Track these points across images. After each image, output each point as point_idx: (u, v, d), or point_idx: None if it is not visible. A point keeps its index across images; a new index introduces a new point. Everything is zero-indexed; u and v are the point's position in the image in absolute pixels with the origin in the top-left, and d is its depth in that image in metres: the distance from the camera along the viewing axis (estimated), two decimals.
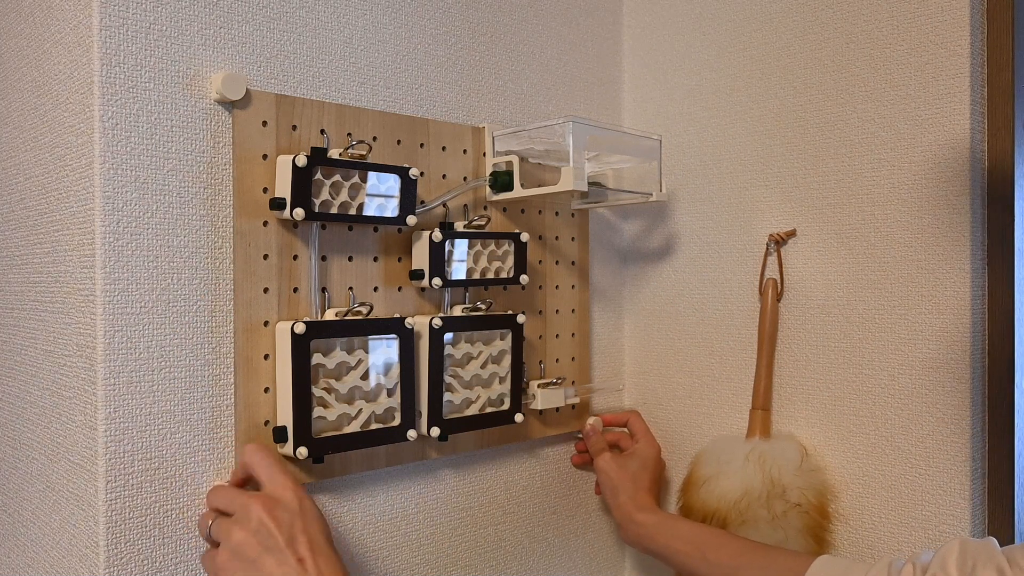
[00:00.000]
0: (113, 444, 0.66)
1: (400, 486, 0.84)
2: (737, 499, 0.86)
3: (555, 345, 0.97)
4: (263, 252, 0.73)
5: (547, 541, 0.99)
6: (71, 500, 0.70)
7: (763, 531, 0.84)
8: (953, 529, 0.80)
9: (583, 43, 1.01)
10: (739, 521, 0.85)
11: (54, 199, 0.72)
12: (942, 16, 0.80)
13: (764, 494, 0.85)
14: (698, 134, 0.99)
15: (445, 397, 0.82)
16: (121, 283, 0.66)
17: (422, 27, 0.85)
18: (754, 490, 0.86)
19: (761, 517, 0.85)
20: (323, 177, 0.73)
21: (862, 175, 0.86)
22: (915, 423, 0.83)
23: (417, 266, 0.82)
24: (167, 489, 0.68)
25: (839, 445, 0.88)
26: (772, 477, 0.86)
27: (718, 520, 0.87)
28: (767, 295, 0.92)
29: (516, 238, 0.88)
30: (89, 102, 0.66)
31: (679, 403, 1.02)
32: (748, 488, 0.86)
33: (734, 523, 0.86)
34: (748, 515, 0.85)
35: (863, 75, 0.85)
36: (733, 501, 0.86)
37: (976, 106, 0.79)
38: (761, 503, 0.85)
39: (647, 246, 1.05)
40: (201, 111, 0.70)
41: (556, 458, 0.99)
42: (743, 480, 0.87)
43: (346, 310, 0.76)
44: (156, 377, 0.68)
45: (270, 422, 0.73)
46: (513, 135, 0.87)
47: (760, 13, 0.93)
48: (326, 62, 0.78)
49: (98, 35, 0.65)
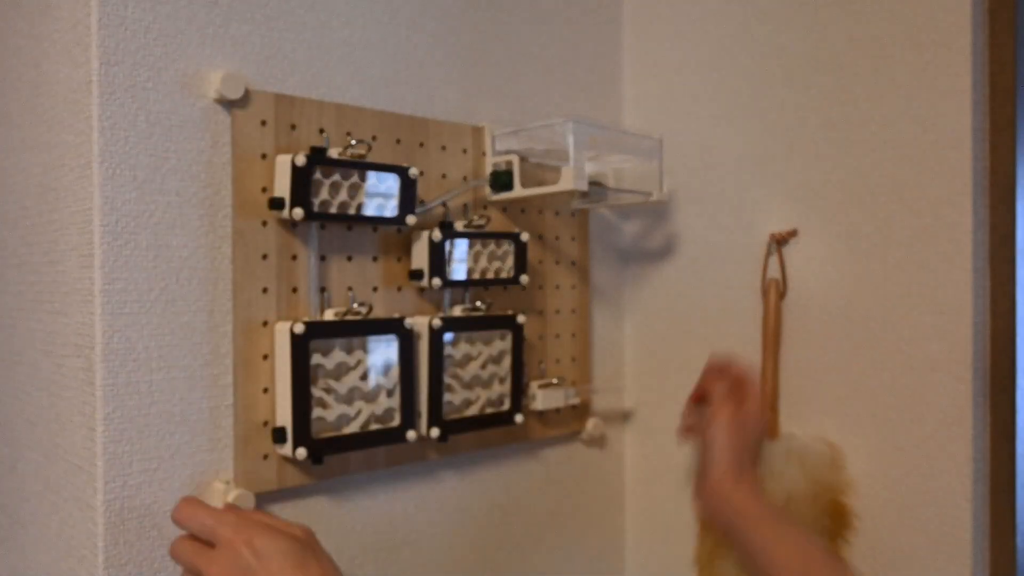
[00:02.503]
0: (112, 445, 0.65)
1: (400, 487, 0.84)
2: (784, 501, 0.83)
3: (555, 345, 0.97)
4: (262, 252, 0.73)
5: (547, 542, 0.98)
6: (70, 501, 0.70)
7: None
8: (955, 530, 0.80)
9: (583, 43, 1.01)
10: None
11: (53, 199, 0.72)
12: (943, 15, 0.80)
13: (809, 494, 0.83)
14: (698, 134, 0.99)
15: (445, 397, 0.82)
16: (120, 283, 0.66)
17: (422, 27, 0.85)
18: (798, 491, 0.83)
19: (805, 518, 0.82)
20: (322, 177, 0.73)
21: (863, 175, 0.85)
22: (917, 423, 0.82)
23: (417, 266, 0.82)
24: (166, 490, 0.68)
25: (840, 445, 0.87)
26: (814, 476, 0.84)
27: None
28: (769, 295, 0.92)
29: (516, 238, 0.87)
30: (88, 101, 0.65)
31: (680, 404, 1.02)
32: (791, 489, 0.83)
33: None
34: (795, 517, 0.82)
35: (864, 75, 0.85)
36: (781, 503, 0.83)
37: (978, 105, 0.79)
38: (807, 503, 0.83)
39: (647, 246, 1.05)
40: (200, 111, 0.70)
41: (556, 459, 0.99)
42: (785, 481, 0.84)
43: (345, 310, 0.76)
44: (155, 377, 0.68)
45: (269, 423, 0.73)
46: (513, 135, 0.87)
47: (760, 13, 0.93)
48: (325, 62, 0.78)
49: (97, 34, 0.65)
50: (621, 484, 1.07)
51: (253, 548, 0.61)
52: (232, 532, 0.62)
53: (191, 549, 0.63)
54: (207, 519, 0.63)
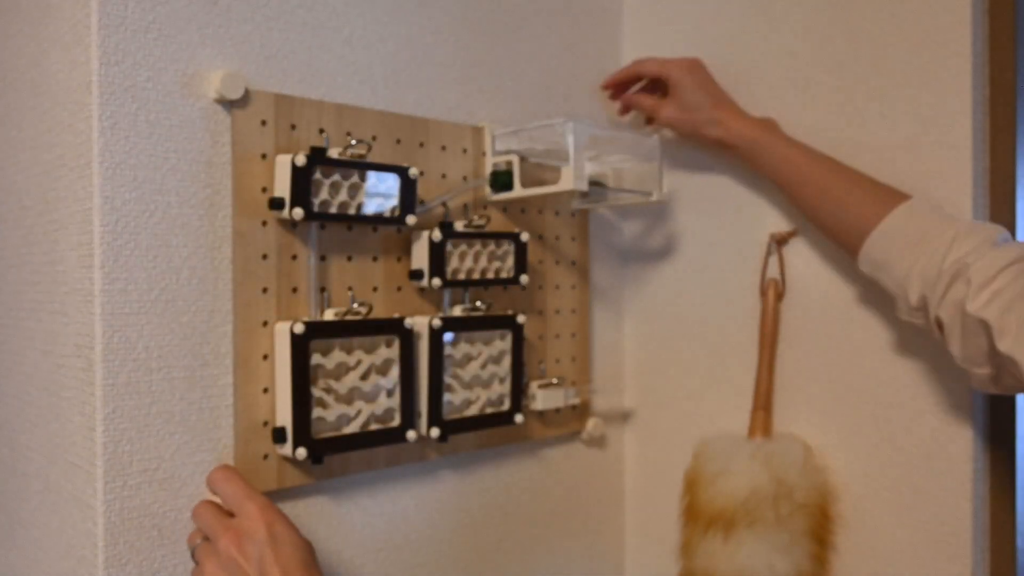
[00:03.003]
0: (111, 445, 0.65)
1: (400, 487, 0.84)
2: (745, 498, 0.85)
3: (555, 345, 0.97)
4: (262, 252, 0.73)
5: (547, 541, 0.98)
6: (69, 501, 0.70)
7: (770, 532, 0.84)
8: (954, 530, 0.80)
9: (583, 43, 1.01)
10: (748, 521, 0.84)
11: (53, 199, 0.72)
12: (944, 15, 0.80)
13: (771, 494, 0.84)
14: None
15: (445, 397, 0.82)
16: (120, 283, 0.66)
17: (422, 26, 0.85)
18: (761, 490, 0.85)
19: (768, 518, 0.84)
20: (322, 177, 0.73)
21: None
22: (916, 423, 0.82)
23: (417, 266, 0.82)
24: (166, 490, 0.68)
25: (840, 445, 0.87)
26: (779, 477, 0.85)
27: (725, 520, 0.85)
28: (768, 295, 0.92)
29: (516, 238, 0.87)
30: (88, 101, 0.65)
31: (679, 403, 1.02)
32: (755, 487, 0.85)
33: (742, 523, 0.85)
34: (756, 515, 0.84)
35: (864, 75, 0.85)
36: (742, 500, 0.85)
37: (978, 105, 0.79)
38: (768, 504, 0.84)
39: (647, 246, 1.05)
40: (200, 110, 0.70)
41: (556, 459, 0.99)
42: (750, 479, 0.86)
43: (345, 310, 0.76)
44: (155, 377, 0.68)
45: (269, 423, 0.73)
46: (513, 135, 0.87)
47: (760, 13, 0.93)
48: (325, 61, 0.78)
49: (97, 34, 0.65)
50: (621, 484, 1.07)
51: (272, 531, 0.63)
52: (258, 509, 0.64)
53: (213, 512, 0.66)
54: (240, 489, 0.66)
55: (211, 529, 0.65)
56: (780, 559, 0.83)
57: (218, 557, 0.63)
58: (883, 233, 0.75)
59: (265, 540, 0.63)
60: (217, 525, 0.65)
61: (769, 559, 0.83)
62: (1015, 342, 0.62)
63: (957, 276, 0.69)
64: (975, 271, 0.67)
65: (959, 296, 0.68)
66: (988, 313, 0.64)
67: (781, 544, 0.83)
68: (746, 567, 0.84)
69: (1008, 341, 0.62)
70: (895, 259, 0.74)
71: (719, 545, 0.85)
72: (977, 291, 0.66)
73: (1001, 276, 0.65)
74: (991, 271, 0.66)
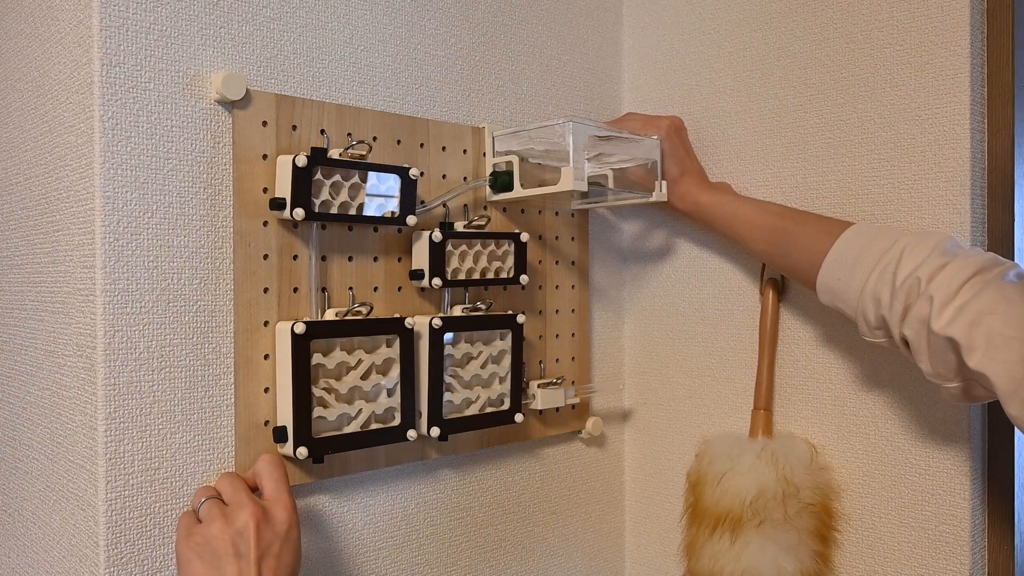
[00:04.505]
0: (113, 444, 0.66)
1: (400, 486, 0.84)
2: (753, 498, 0.84)
3: (555, 345, 0.97)
4: (263, 252, 0.73)
5: (547, 541, 0.99)
6: (71, 500, 0.70)
7: (777, 531, 0.83)
8: (953, 529, 0.80)
9: (583, 43, 1.01)
10: (755, 521, 0.84)
11: (54, 199, 0.72)
12: (942, 16, 0.80)
13: (779, 493, 0.84)
14: (698, 134, 0.99)
15: (445, 397, 0.82)
16: (121, 283, 0.66)
17: (422, 27, 0.85)
18: (768, 489, 0.84)
19: (776, 517, 0.84)
20: (323, 177, 0.73)
21: (862, 175, 0.85)
22: (915, 423, 0.83)
23: (417, 266, 0.82)
24: (167, 489, 0.68)
25: (839, 445, 0.88)
26: (786, 476, 0.85)
27: (732, 519, 0.85)
28: (768, 295, 0.92)
29: (516, 238, 0.88)
30: (89, 102, 0.66)
31: (679, 403, 1.02)
32: (762, 487, 0.85)
33: (749, 523, 0.84)
34: (764, 515, 0.84)
35: (863, 75, 0.85)
36: (749, 500, 0.84)
37: (976, 106, 0.79)
38: (777, 503, 0.84)
39: (647, 246, 1.05)
40: (201, 111, 0.70)
41: (556, 458, 0.99)
42: (756, 479, 0.85)
43: (346, 310, 0.76)
44: (156, 377, 0.68)
45: (270, 422, 0.73)
46: (513, 135, 0.87)
47: (760, 13, 0.93)
48: (326, 62, 0.78)
49: (98, 35, 0.65)
50: (621, 483, 1.08)
51: (291, 533, 0.65)
52: (292, 506, 0.66)
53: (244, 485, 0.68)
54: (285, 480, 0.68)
55: (236, 496, 0.65)
56: (787, 559, 0.83)
57: (232, 521, 0.63)
58: (832, 260, 0.76)
59: (283, 535, 0.64)
60: (245, 497, 0.65)
61: (776, 559, 0.83)
62: (984, 357, 0.61)
63: (913, 292, 0.68)
64: (936, 287, 0.66)
65: (923, 314, 0.67)
66: (954, 331, 0.64)
67: (789, 543, 0.83)
68: (753, 567, 0.83)
69: (977, 356, 0.62)
70: (846, 282, 0.74)
71: (726, 545, 0.85)
72: (940, 309, 0.65)
73: (963, 291, 0.65)
74: (952, 287, 0.65)
